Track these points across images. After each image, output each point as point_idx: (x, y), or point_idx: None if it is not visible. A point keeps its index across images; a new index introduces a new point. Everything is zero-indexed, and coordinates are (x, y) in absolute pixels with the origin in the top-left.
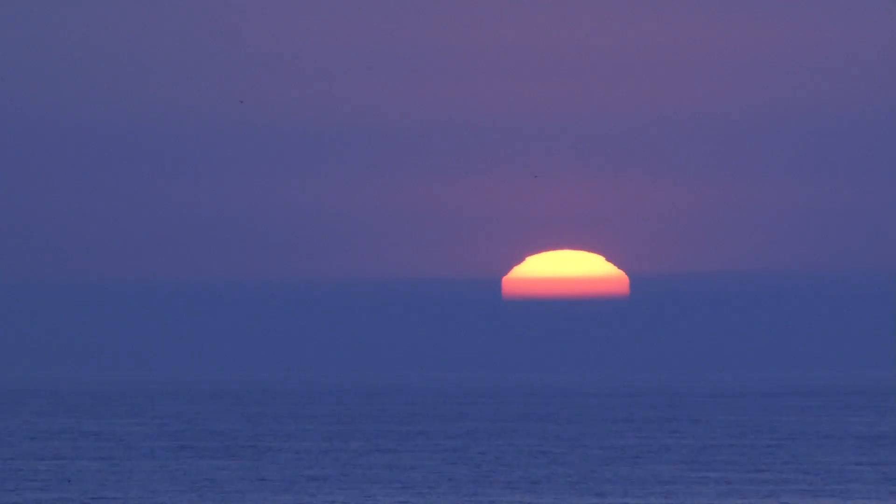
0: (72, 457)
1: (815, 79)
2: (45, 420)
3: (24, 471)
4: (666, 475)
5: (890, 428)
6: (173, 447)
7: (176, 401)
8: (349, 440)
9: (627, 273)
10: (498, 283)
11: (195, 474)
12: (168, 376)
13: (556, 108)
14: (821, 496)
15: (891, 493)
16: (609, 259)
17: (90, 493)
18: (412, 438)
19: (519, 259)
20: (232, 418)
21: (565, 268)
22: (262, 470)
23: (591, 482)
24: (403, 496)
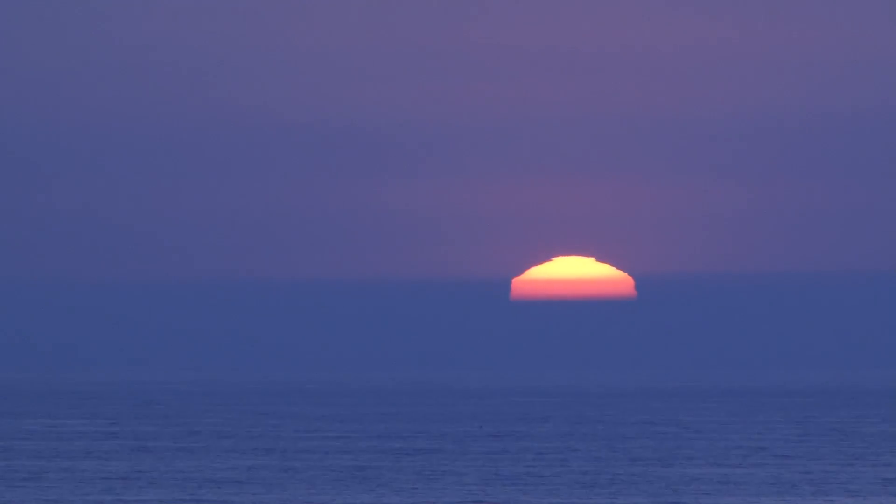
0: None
1: (817, 80)
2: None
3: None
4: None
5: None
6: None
7: (179, 401)
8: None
9: (631, 275)
10: (505, 284)
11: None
12: (167, 376)
13: (556, 109)
14: (819, 496)
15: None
16: (614, 262)
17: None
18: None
19: (525, 264)
20: (237, 418)
21: (571, 270)
22: (276, 468)
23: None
24: (414, 497)
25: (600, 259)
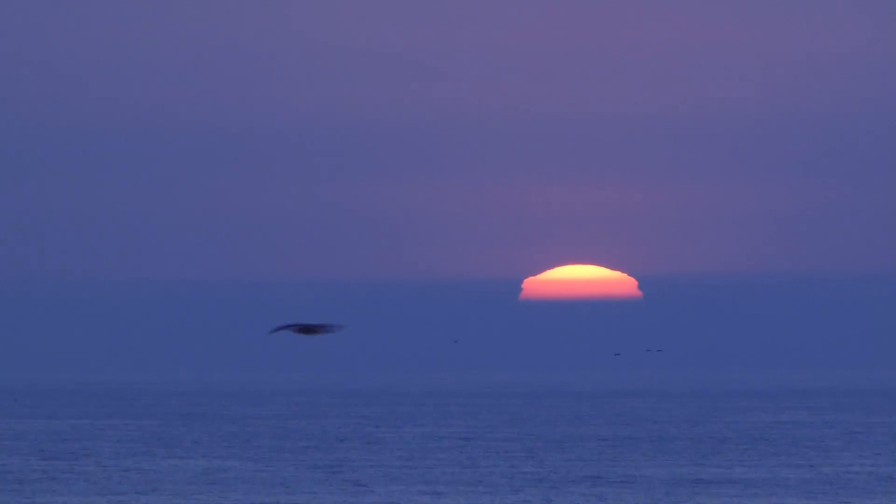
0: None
1: (816, 80)
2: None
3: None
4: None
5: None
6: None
7: (180, 400)
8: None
9: (633, 275)
10: (513, 284)
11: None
12: (167, 376)
13: (557, 109)
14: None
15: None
16: (611, 263)
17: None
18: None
19: (526, 266)
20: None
21: (577, 273)
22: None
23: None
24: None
25: (597, 262)
